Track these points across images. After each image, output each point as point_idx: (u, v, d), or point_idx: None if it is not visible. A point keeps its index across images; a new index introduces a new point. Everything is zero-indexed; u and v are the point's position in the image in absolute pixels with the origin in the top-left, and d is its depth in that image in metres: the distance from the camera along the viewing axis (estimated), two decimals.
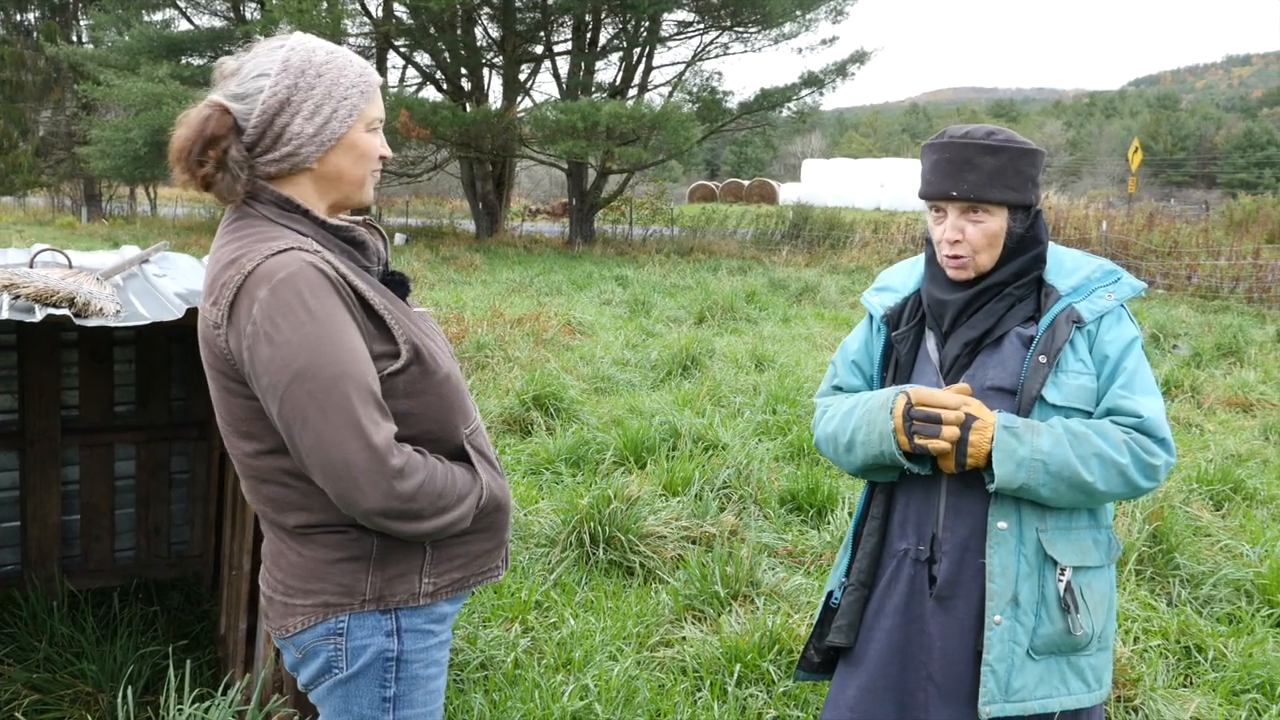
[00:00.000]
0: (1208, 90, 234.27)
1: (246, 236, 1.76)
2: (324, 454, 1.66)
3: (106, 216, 34.51)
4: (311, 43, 1.83)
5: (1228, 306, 15.73)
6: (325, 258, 1.73)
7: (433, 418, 1.83)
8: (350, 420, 1.65)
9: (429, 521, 1.76)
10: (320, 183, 1.85)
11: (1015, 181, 2.08)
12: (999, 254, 2.13)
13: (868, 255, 22.77)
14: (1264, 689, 3.82)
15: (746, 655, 3.75)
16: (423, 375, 1.80)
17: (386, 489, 1.67)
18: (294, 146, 1.79)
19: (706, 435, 6.52)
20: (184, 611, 4.46)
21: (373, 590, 1.82)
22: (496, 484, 1.92)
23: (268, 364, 1.66)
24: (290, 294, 1.65)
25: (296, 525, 1.82)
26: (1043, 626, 2.07)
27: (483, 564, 1.95)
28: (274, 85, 1.77)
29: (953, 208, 2.12)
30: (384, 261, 1.94)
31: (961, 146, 2.09)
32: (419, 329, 1.85)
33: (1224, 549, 5.14)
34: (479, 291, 14.65)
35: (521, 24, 26.62)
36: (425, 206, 40.90)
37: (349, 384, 1.66)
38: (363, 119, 1.84)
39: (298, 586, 1.84)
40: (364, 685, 1.85)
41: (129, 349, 4.53)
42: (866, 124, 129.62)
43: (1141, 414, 2.04)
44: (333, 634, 1.83)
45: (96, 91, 25.71)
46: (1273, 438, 7.71)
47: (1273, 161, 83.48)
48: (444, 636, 1.93)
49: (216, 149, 1.76)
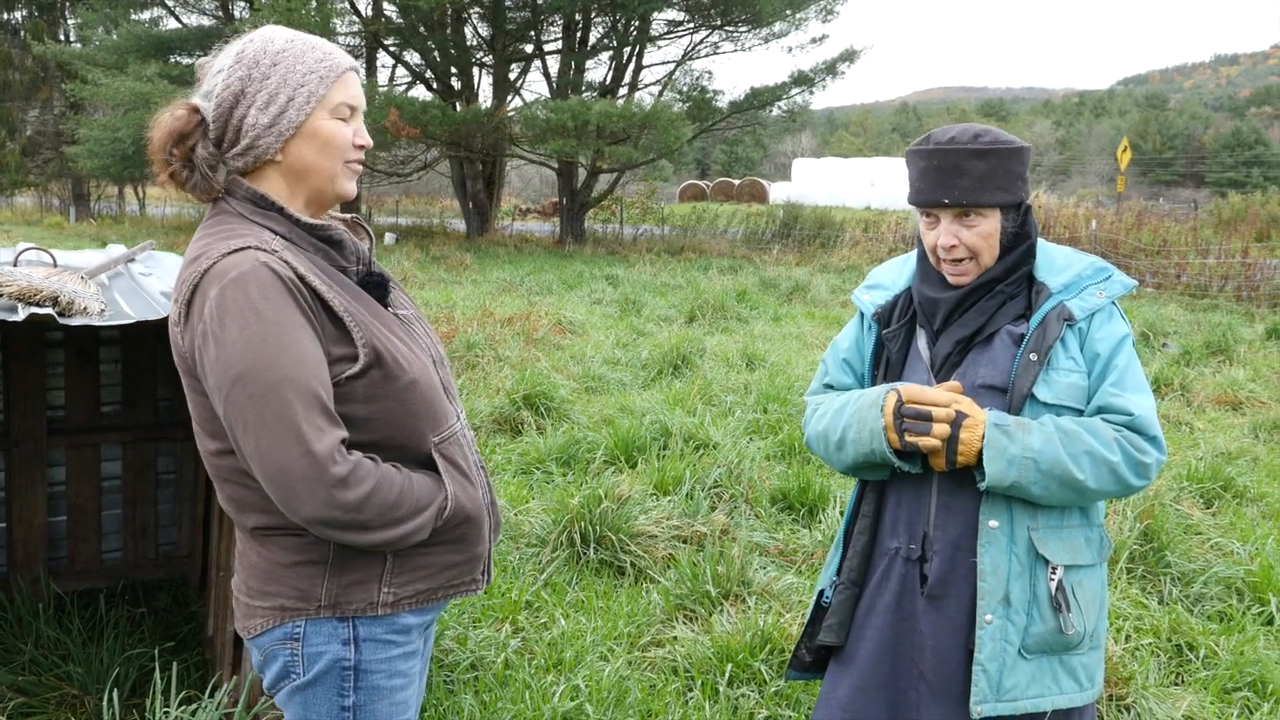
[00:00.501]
0: (1196, 90, 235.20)
1: (214, 234, 1.74)
2: (262, 459, 1.63)
3: (94, 216, 34.38)
4: (273, 33, 1.79)
5: (1217, 305, 15.77)
6: (282, 257, 1.69)
7: (395, 424, 1.78)
8: (289, 426, 1.61)
9: (379, 533, 1.71)
10: (289, 176, 1.81)
11: (1006, 182, 2.07)
12: (997, 253, 2.12)
13: (858, 254, 22.77)
14: (1255, 687, 3.82)
15: (738, 655, 3.74)
16: (384, 380, 1.75)
17: (325, 497, 1.63)
18: (251, 139, 1.76)
19: (697, 434, 6.50)
20: (171, 613, 4.43)
21: (329, 596, 1.78)
22: (465, 495, 1.85)
23: (213, 365, 1.64)
24: (239, 294, 1.63)
25: (255, 526, 1.79)
26: (1034, 625, 2.06)
27: (453, 576, 1.90)
28: (227, 78, 1.75)
29: (945, 214, 2.11)
30: (365, 261, 1.89)
31: (949, 153, 2.07)
32: (387, 332, 1.79)
33: (1214, 547, 5.14)
34: (469, 291, 14.62)
35: (511, 23, 26.59)
36: (415, 206, 40.85)
37: (290, 389, 1.62)
38: (324, 105, 1.79)
39: (257, 588, 1.81)
40: (321, 693, 1.81)
41: (115, 348, 4.50)
42: (857, 123, 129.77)
43: (1132, 412, 2.03)
44: (289, 638, 1.79)
45: (84, 90, 25.62)
46: (1262, 435, 7.74)
47: (1261, 160, 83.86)
48: (410, 648, 1.88)
49: (182, 147, 1.75)
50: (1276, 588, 4.58)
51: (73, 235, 25.52)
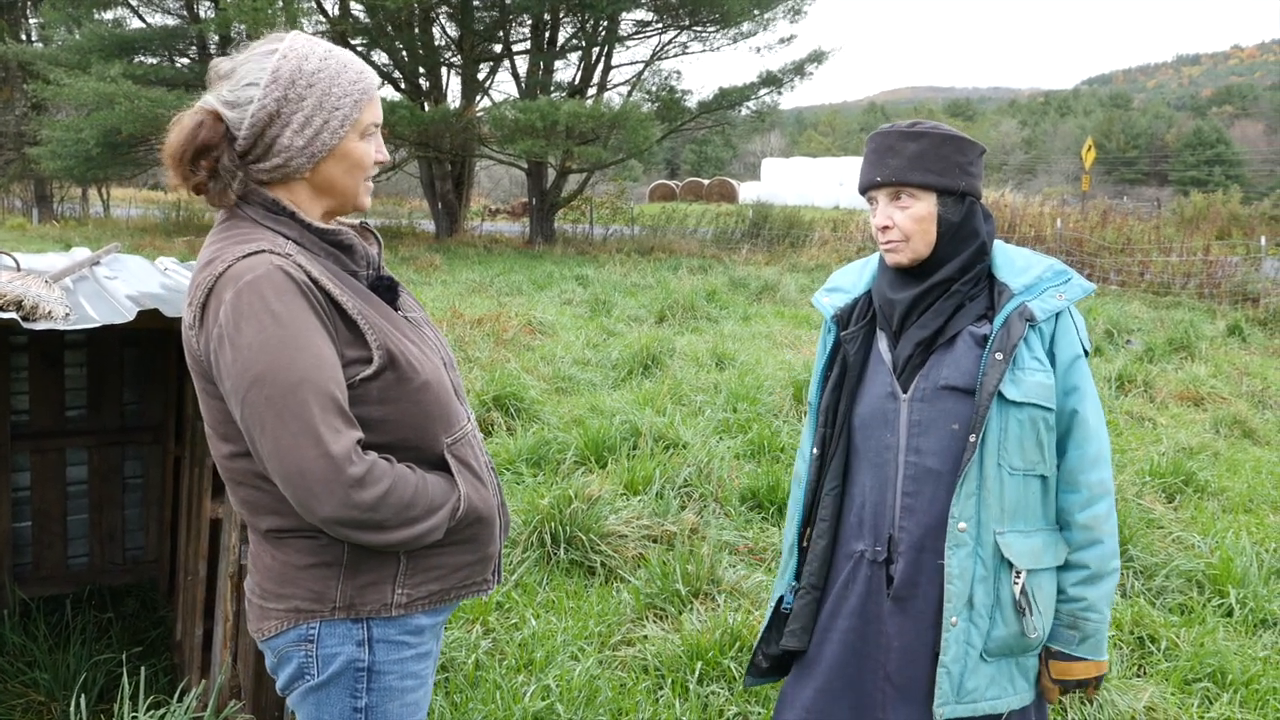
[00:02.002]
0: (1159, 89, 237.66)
1: (227, 238, 1.75)
2: (280, 460, 1.64)
3: (58, 218, 33.92)
4: (305, 48, 1.78)
5: (1179, 302, 15.99)
6: (296, 261, 1.71)
7: (409, 425, 1.80)
8: (307, 427, 1.63)
9: (395, 532, 1.73)
10: (314, 190, 1.84)
11: (938, 166, 2.11)
12: (933, 240, 2.13)
13: (827, 254, 22.89)
14: (1215, 678, 3.89)
15: (708, 653, 3.76)
16: (398, 382, 1.77)
17: (343, 498, 1.65)
18: (284, 159, 1.78)
19: (667, 434, 6.53)
20: (139, 618, 4.40)
21: (343, 598, 1.80)
22: (478, 495, 1.88)
23: (229, 367, 1.65)
24: (255, 297, 1.64)
25: (269, 529, 1.81)
26: (996, 629, 2.08)
27: (465, 577, 1.92)
28: (263, 98, 1.74)
29: (881, 195, 2.16)
30: (374, 266, 1.92)
31: (885, 135, 2.16)
32: (399, 335, 1.82)
33: (1176, 541, 5.23)
34: (439, 292, 14.57)
35: (479, 23, 26.49)
36: (384, 206, 40.57)
37: (308, 390, 1.63)
38: (356, 128, 1.81)
39: (271, 590, 1.83)
40: (335, 694, 1.83)
41: (80, 352, 4.46)
42: (825, 123, 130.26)
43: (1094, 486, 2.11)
44: (304, 640, 1.81)
45: (47, 91, 25.24)
46: (1223, 431, 7.86)
47: (1222, 159, 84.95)
48: (422, 649, 1.90)
49: (209, 158, 1.75)
50: (1236, 580, 4.66)
51: (35, 237, 25.18)
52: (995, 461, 2.06)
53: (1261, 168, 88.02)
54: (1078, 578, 2.13)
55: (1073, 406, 2.10)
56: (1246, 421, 7.98)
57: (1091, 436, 2.11)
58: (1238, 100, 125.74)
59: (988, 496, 2.07)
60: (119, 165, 26.67)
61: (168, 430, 4.45)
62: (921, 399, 2.14)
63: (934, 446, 2.12)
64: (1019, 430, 2.06)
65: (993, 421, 2.05)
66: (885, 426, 2.18)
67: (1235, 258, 17.85)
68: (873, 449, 2.20)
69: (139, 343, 4.56)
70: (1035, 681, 2.18)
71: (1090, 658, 2.13)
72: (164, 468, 4.57)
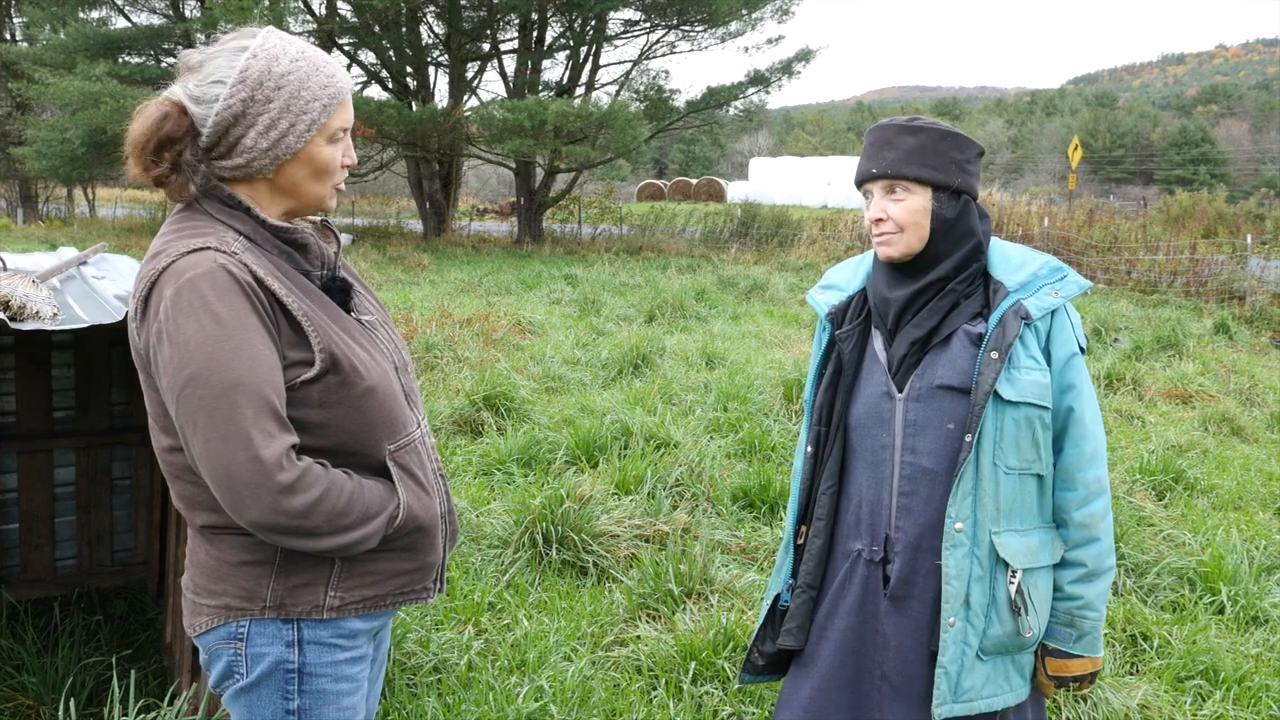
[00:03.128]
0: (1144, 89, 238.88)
1: (178, 231, 1.73)
2: (210, 461, 1.62)
3: (43, 218, 33.73)
4: (277, 48, 1.76)
5: (1166, 300, 16.06)
6: (241, 260, 1.68)
7: (349, 430, 1.77)
8: (238, 430, 1.60)
9: (327, 539, 1.70)
10: (275, 191, 1.81)
11: (934, 161, 2.11)
12: (926, 235, 2.13)
13: (815, 253, 22.92)
14: (1207, 675, 3.89)
15: (701, 653, 3.75)
16: (340, 386, 1.74)
17: (271, 503, 1.62)
18: (246, 159, 1.75)
19: (658, 433, 6.52)
20: (128, 620, 4.37)
21: (274, 597, 1.77)
22: (419, 504, 1.85)
23: (166, 364, 1.63)
24: (194, 295, 1.62)
25: (204, 524, 1.79)
26: (992, 628, 2.08)
27: (403, 584, 1.89)
28: (229, 97, 1.72)
29: (877, 188, 2.16)
30: (330, 266, 1.89)
31: (883, 129, 2.17)
32: (346, 338, 1.79)
33: (1167, 538, 5.24)
34: (427, 292, 14.53)
35: (467, 22, 26.43)
36: (371, 206, 40.53)
37: (241, 393, 1.61)
38: (323, 132, 1.79)
39: (204, 586, 1.81)
40: (265, 695, 1.80)
41: (68, 353, 4.43)
42: (813, 122, 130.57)
43: (1090, 484, 2.13)
44: (233, 638, 1.79)
45: (31, 90, 25.09)
46: (1211, 428, 7.89)
47: (1207, 158, 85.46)
48: (356, 652, 1.87)
49: (171, 150, 1.73)
50: (1227, 577, 4.67)
51: (21, 237, 25.03)
52: (991, 461, 2.05)
53: (1246, 166, 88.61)
54: (1075, 575, 2.13)
55: (1069, 404, 2.10)
56: (1235, 419, 8.01)
57: (1088, 434, 2.11)
58: (1222, 99, 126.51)
59: (984, 496, 2.06)
60: (104, 165, 26.48)
61: None
62: (917, 399, 2.13)
63: (929, 446, 2.11)
64: (1015, 429, 2.06)
65: (988, 421, 2.04)
66: (881, 426, 2.17)
67: (1221, 256, 17.95)
68: (869, 448, 2.19)
69: (127, 343, 4.52)
70: (1031, 678, 2.18)
71: (1086, 654, 2.14)
72: (152, 468, 4.53)
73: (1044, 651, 2.16)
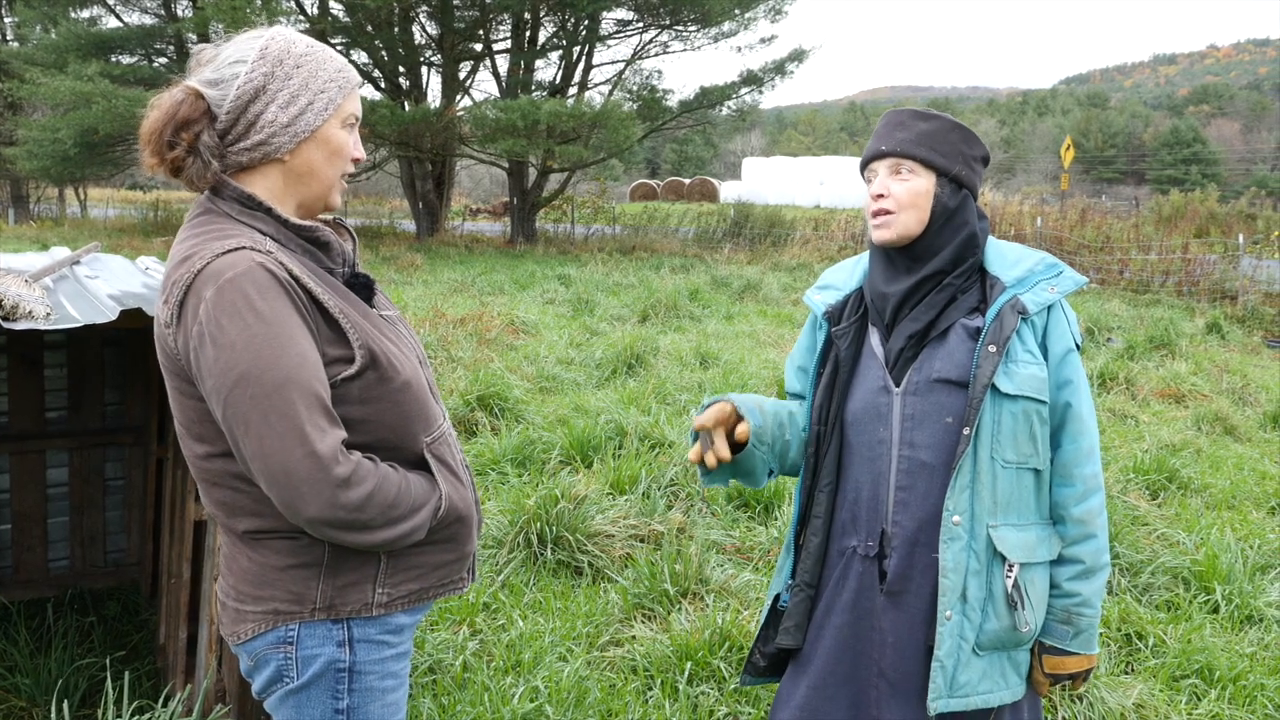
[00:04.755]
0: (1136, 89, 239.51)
1: (203, 234, 1.72)
2: (265, 461, 1.61)
3: (34, 218, 33.64)
4: (292, 35, 1.80)
5: (1158, 300, 16.10)
6: (277, 258, 1.68)
7: (389, 425, 1.78)
8: (293, 427, 1.60)
9: (379, 532, 1.71)
10: (290, 177, 1.81)
11: (943, 148, 2.13)
12: (925, 219, 2.13)
13: (809, 252, 22.93)
14: (1202, 674, 3.90)
15: (697, 653, 3.75)
16: (379, 381, 1.75)
17: (329, 498, 1.62)
18: (266, 135, 1.76)
19: (652, 433, 6.51)
20: (122, 621, 4.36)
21: (323, 599, 1.77)
22: (458, 495, 1.87)
23: (212, 366, 1.62)
24: (236, 295, 1.61)
25: (247, 530, 1.78)
26: (989, 623, 2.07)
27: (443, 575, 1.91)
28: (250, 71, 1.74)
29: (882, 166, 2.17)
30: (350, 263, 1.89)
31: (897, 113, 2.19)
32: (379, 334, 1.80)
33: (1161, 537, 5.25)
34: (420, 292, 14.51)
35: (460, 22, 26.41)
36: (364, 206, 40.42)
37: (293, 389, 1.61)
38: (339, 114, 1.82)
39: (248, 592, 1.80)
40: (315, 696, 1.80)
41: (60, 353, 4.41)
42: (805, 122, 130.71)
43: (1088, 480, 2.12)
44: (283, 642, 1.78)
45: (23, 90, 24.99)
46: (1204, 428, 7.90)
47: (1199, 158, 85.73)
48: (401, 648, 1.89)
49: (189, 132, 1.72)
50: (1222, 577, 4.68)
51: (12, 238, 24.95)
52: (989, 454, 2.05)
53: (1237, 166, 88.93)
54: (1072, 572, 2.13)
55: (1066, 400, 2.10)
56: (1228, 418, 8.03)
57: (1085, 430, 2.12)
58: (1214, 99, 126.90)
59: (981, 489, 2.06)
60: (96, 165, 26.45)
61: (150, 431, 4.40)
62: (914, 392, 2.13)
63: (927, 440, 2.11)
64: (1012, 423, 2.06)
65: (986, 414, 2.04)
66: (878, 421, 2.17)
67: (1213, 255, 18.00)
68: (865, 444, 2.19)
69: (120, 343, 4.51)
70: (1027, 677, 2.18)
71: (1083, 652, 2.14)
72: (146, 469, 4.52)
73: (1041, 649, 2.16)
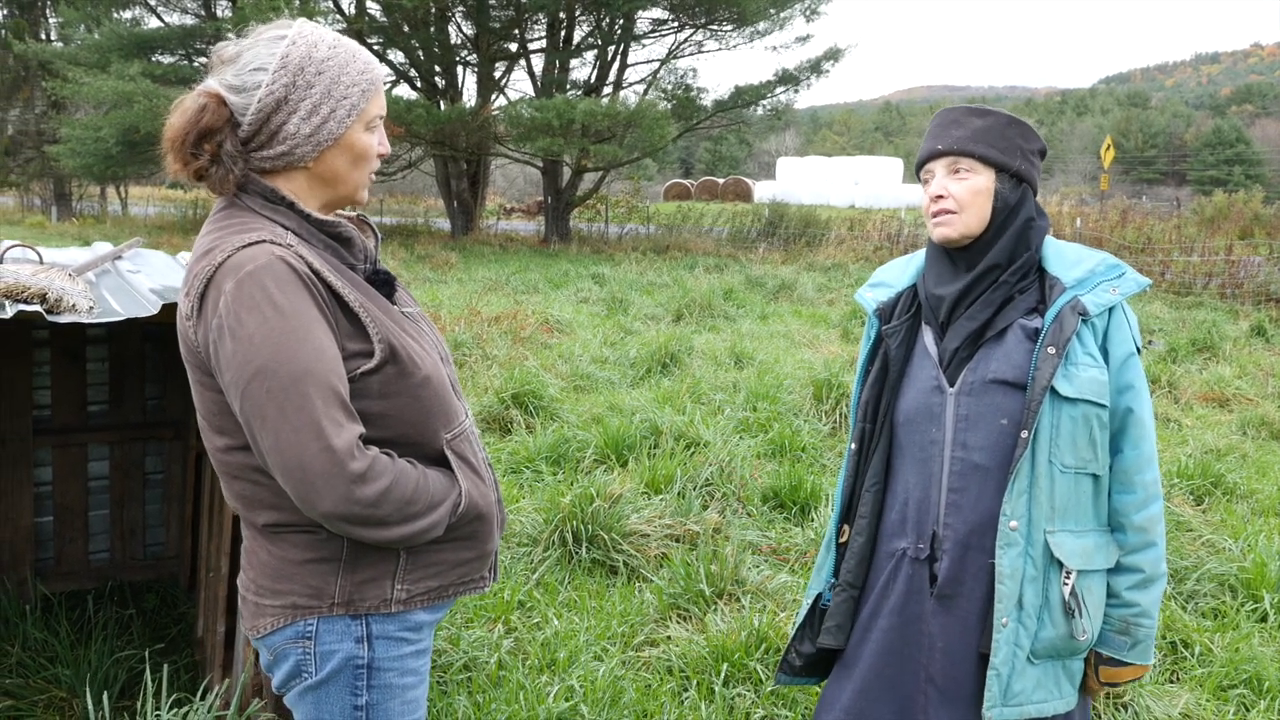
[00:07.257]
0: (1177, 88, 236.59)
1: (226, 227, 1.72)
2: (281, 454, 1.61)
3: (77, 216, 34.09)
4: (314, 35, 1.76)
5: (1201, 302, 15.85)
6: (298, 252, 1.67)
7: (409, 421, 1.77)
8: (309, 421, 1.59)
9: (396, 528, 1.70)
10: (315, 181, 1.81)
11: (1001, 144, 2.09)
12: (987, 217, 2.10)
13: (844, 253, 22.81)
14: (1251, 684, 3.82)
15: (733, 654, 3.71)
16: (399, 376, 1.74)
17: (345, 493, 1.61)
18: (289, 146, 1.75)
19: (687, 433, 6.48)
20: (160, 614, 4.38)
21: (342, 594, 1.76)
22: (478, 492, 1.85)
23: (230, 359, 1.62)
24: (256, 288, 1.60)
25: (266, 523, 1.77)
26: (1045, 630, 2.03)
27: (463, 574, 1.89)
28: (271, 83, 1.72)
29: (940, 165, 2.13)
30: (371, 259, 1.89)
31: (950, 111, 2.16)
32: (399, 329, 1.79)
33: (1206, 544, 5.15)
34: (455, 290, 14.56)
35: (495, 21, 26.50)
36: (399, 205, 40.66)
37: (310, 383, 1.60)
38: (363, 118, 1.79)
39: (267, 586, 1.79)
40: (334, 692, 1.79)
41: (102, 347, 4.45)
42: (840, 122, 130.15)
43: (1149, 486, 2.08)
44: (301, 637, 1.78)
45: (66, 89, 25.34)
46: (1250, 432, 7.77)
47: (1242, 158, 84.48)
48: (421, 645, 1.87)
49: (211, 142, 1.72)
50: (1270, 584, 4.58)
51: (55, 235, 25.31)
52: (1047, 458, 2.00)
53: None
54: (1131, 581, 2.08)
55: (1127, 404, 2.05)
56: (1274, 423, 7.88)
57: (1146, 436, 2.06)
58: (1258, 99, 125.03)
59: (1039, 494, 2.01)
60: (137, 164, 26.74)
61: (189, 425, 4.42)
62: (969, 393, 2.08)
63: (982, 442, 2.06)
64: (1071, 427, 2.01)
65: (1044, 417, 2.00)
66: (931, 421, 2.12)
67: (1258, 257, 17.70)
68: (917, 444, 2.15)
69: (161, 337, 4.54)
70: (1081, 686, 2.13)
71: (1139, 662, 2.09)
72: (185, 463, 4.54)
73: (1097, 659, 2.11)
